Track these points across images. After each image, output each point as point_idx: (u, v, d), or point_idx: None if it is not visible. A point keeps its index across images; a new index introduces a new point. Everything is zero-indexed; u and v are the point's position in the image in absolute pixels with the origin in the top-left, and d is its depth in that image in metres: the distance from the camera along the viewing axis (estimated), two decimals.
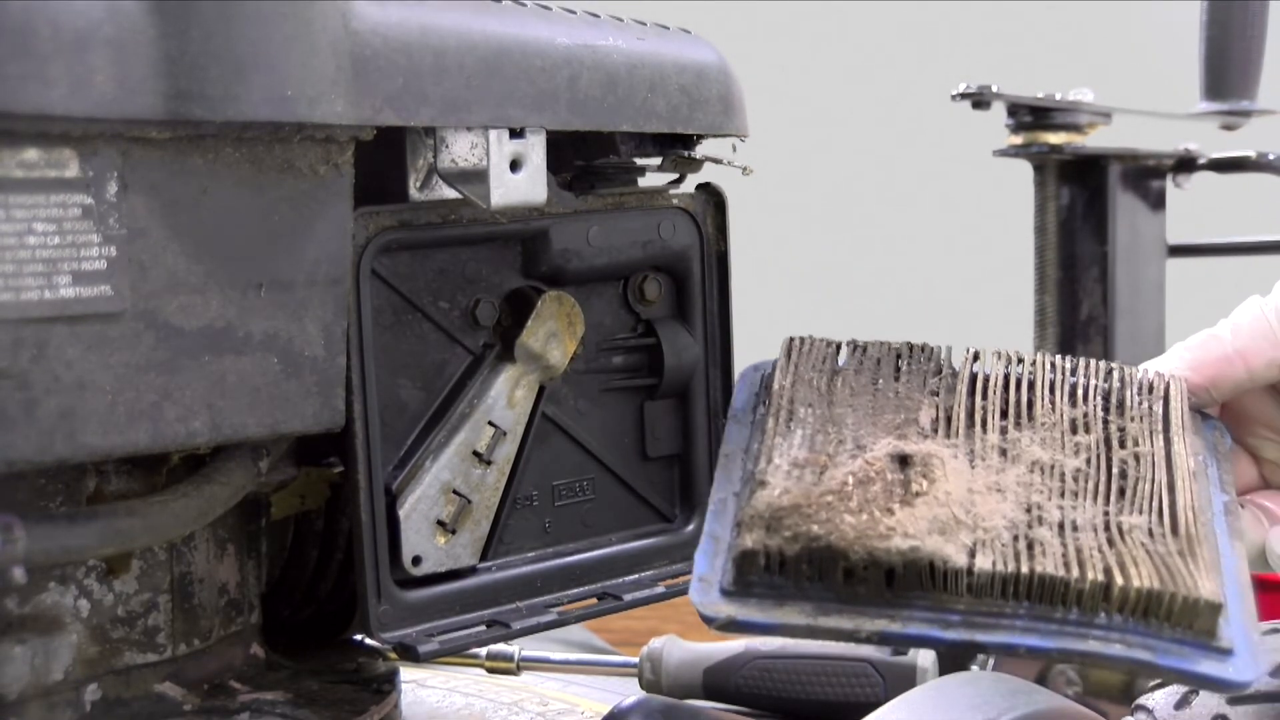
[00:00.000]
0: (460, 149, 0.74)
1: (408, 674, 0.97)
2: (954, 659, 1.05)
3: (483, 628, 0.81)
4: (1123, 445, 0.67)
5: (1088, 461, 0.67)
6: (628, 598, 0.86)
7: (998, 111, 1.56)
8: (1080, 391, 0.70)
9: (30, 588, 0.69)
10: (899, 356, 0.73)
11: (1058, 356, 0.72)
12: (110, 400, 0.63)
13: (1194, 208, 1.71)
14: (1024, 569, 0.60)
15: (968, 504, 0.63)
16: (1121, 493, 0.65)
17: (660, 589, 0.87)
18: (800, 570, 0.61)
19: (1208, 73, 1.63)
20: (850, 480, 0.64)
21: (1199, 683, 0.60)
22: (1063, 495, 0.65)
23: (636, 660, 1.01)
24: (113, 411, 0.64)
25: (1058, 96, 1.53)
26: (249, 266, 0.67)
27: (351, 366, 0.74)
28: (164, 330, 0.65)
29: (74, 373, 0.62)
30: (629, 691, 0.93)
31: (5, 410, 0.60)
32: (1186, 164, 1.64)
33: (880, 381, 0.71)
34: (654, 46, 0.82)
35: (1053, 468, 0.66)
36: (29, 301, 0.61)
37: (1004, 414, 0.69)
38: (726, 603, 0.61)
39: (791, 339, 0.73)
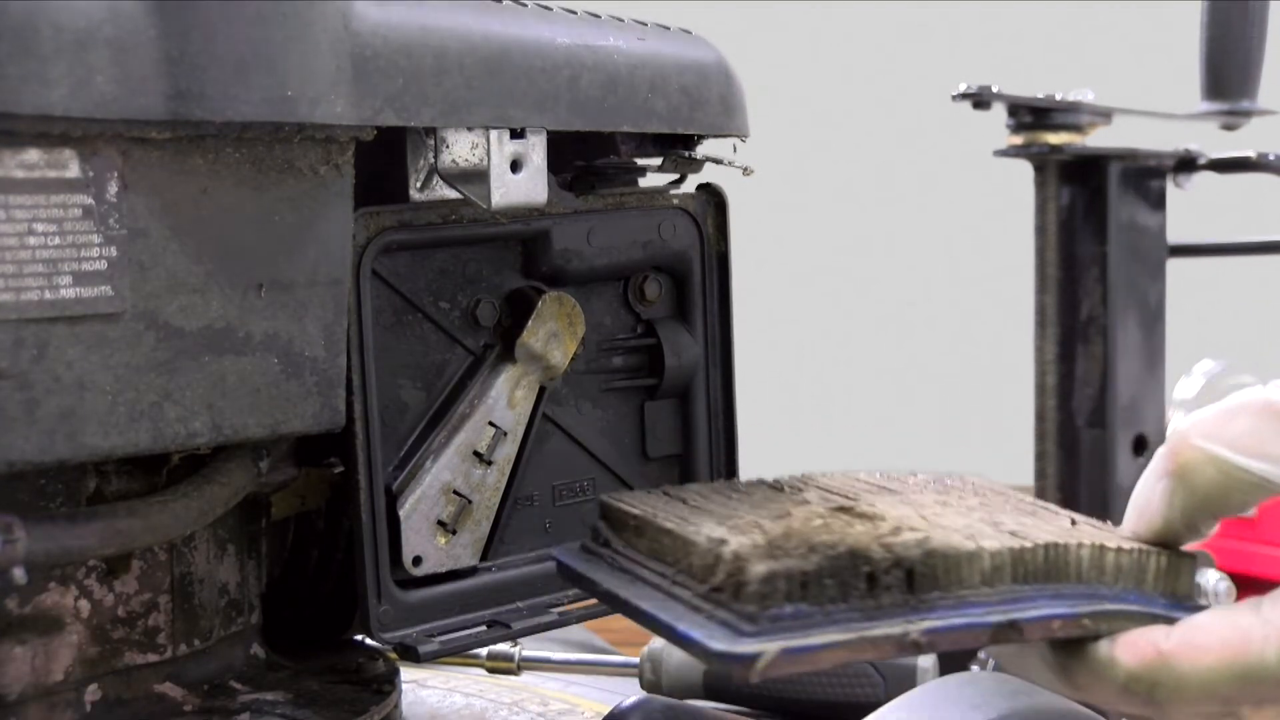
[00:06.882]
0: (461, 149, 0.74)
1: (408, 674, 0.97)
2: (954, 658, 1.05)
3: (483, 628, 0.81)
4: (1074, 524, 0.64)
5: (1033, 514, 0.64)
6: None
7: (998, 111, 1.56)
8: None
9: (30, 588, 0.69)
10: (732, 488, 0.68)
11: None
12: (110, 400, 0.63)
13: (1194, 208, 1.71)
14: (1028, 544, 0.58)
15: (930, 521, 0.60)
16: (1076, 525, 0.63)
17: None
18: (823, 588, 0.55)
19: (1208, 73, 1.63)
20: (803, 519, 0.60)
21: None
22: (1018, 519, 0.63)
23: (637, 660, 1.01)
24: (113, 412, 0.63)
25: (1058, 96, 1.53)
26: (249, 267, 0.67)
27: (352, 367, 0.74)
28: (164, 330, 0.65)
29: (74, 373, 0.62)
30: (629, 691, 0.93)
31: (5, 410, 0.60)
32: (1186, 164, 1.64)
33: (733, 494, 0.66)
34: (655, 47, 0.82)
35: (996, 520, 0.62)
36: (29, 302, 0.61)
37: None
38: (756, 642, 0.54)
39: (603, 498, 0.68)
